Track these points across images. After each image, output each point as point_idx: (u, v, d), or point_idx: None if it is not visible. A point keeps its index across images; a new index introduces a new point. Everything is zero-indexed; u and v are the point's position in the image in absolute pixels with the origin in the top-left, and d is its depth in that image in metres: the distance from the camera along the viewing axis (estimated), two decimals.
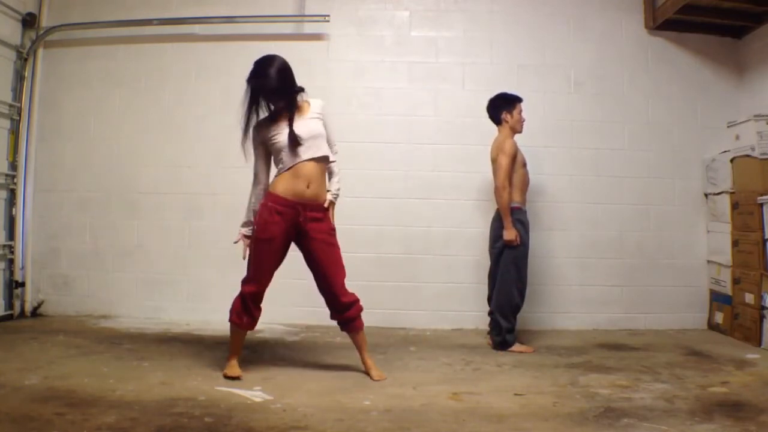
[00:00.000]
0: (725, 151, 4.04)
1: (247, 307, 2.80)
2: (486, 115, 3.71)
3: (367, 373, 2.87)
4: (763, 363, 3.19)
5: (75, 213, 4.34)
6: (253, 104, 2.75)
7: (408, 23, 4.37)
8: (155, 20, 4.31)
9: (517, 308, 3.53)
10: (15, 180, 4.25)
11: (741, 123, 3.88)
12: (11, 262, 4.23)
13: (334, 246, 2.89)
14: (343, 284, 2.90)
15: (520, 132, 3.63)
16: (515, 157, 3.52)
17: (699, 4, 3.95)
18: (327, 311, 4.13)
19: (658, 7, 4.23)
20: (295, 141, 2.69)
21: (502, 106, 3.60)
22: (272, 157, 2.84)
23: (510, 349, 3.44)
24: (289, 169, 2.74)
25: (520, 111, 3.60)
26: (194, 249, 4.28)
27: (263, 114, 2.81)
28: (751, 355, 3.35)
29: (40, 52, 4.38)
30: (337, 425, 2.19)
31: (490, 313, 3.57)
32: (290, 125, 2.70)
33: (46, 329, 3.77)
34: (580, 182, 4.26)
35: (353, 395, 2.55)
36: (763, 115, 3.74)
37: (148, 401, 2.38)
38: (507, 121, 3.58)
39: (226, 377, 2.72)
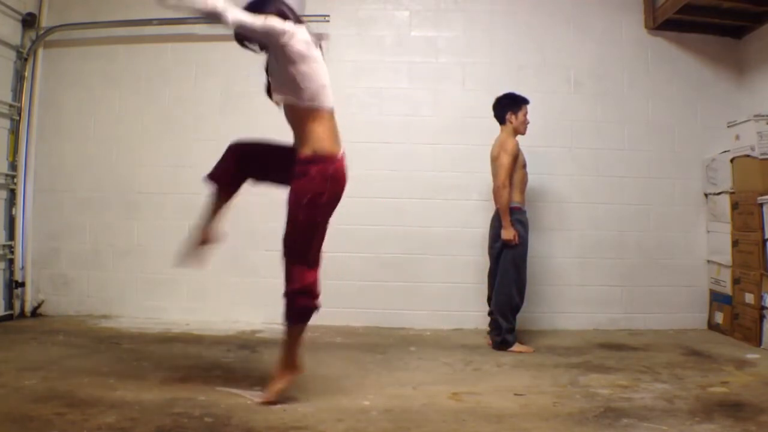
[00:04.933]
0: (725, 151, 4.04)
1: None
2: (486, 114, 3.72)
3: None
4: (763, 363, 3.19)
5: (75, 213, 4.34)
6: None
7: (408, 23, 4.37)
8: (155, 20, 4.30)
9: (516, 308, 3.53)
10: (15, 180, 4.24)
11: (741, 123, 3.88)
12: (11, 262, 4.22)
13: (295, 206, 2.36)
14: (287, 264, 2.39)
15: (523, 134, 3.63)
16: (517, 157, 3.52)
17: (699, 4, 3.95)
18: (327, 311, 4.14)
19: (658, 7, 4.23)
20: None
21: (507, 106, 3.60)
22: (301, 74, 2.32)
23: (510, 349, 3.44)
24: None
25: (526, 113, 3.60)
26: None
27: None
28: (751, 355, 3.36)
29: (40, 52, 4.38)
30: (337, 425, 2.19)
31: (490, 313, 3.57)
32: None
33: (46, 329, 3.77)
34: (580, 182, 4.26)
35: (353, 395, 2.55)
36: (763, 115, 3.74)
37: (148, 401, 2.38)
38: (511, 122, 3.58)
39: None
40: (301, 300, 2.36)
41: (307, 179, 2.32)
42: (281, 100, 2.38)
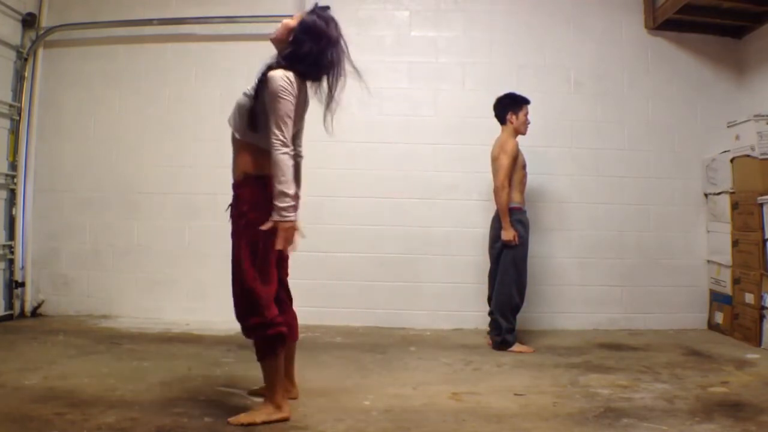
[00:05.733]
0: (725, 151, 4.04)
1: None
2: (486, 114, 3.72)
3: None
4: (763, 363, 3.19)
5: (75, 213, 4.34)
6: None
7: (408, 23, 4.37)
8: (155, 20, 4.31)
9: (516, 308, 3.53)
10: (15, 180, 4.24)
11: (741, 123, 3.88)
12: (11, 262, 4.23)
13: (235, 235, 2.24)
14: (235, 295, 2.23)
15: (524, 134, 3.64)
16: (517, 158, 3.52)
17: (699, 4, 3.95)
18: (327, 311, 4.17)
19: (658, 7, 4.23)
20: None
21: (508, 107, 3.60)
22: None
23: (510, 349, 3.44)
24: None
25: (526, 113, 3.61)
26: (194, 249, 4.28)
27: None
28: (751, 355, 3.36)
29: (40, 52, 4.38)
30: (337, 425, 2.19)
31: (490, 313, 3.57)
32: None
33: (46, 329, 3.77)
34: (580, 182, 4.26)
35: (353, 395, 2.55)
36: (763, 115, 3.74)
37: (148, 401, 2.38)
38: (512, 122, 3.58)
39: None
40: (260, 333, 2.19)
41: (241, 202, 2.21)
42: (242, 137, 2.26)
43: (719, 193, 4.08)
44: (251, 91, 2.26)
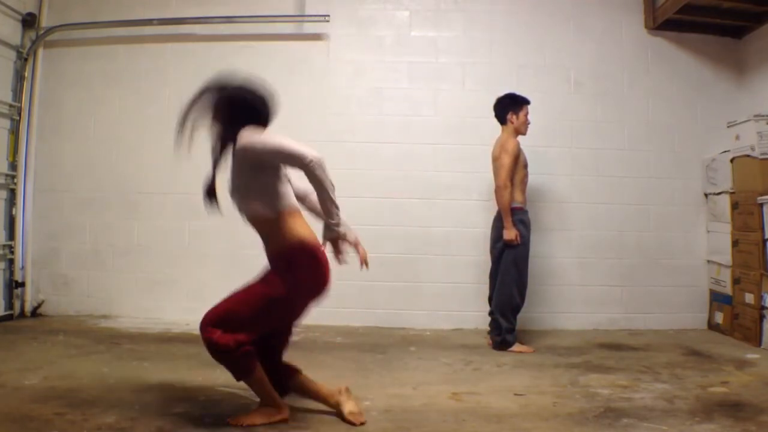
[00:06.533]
0: (725, 151, 4.04)
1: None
2: (486, 114, 3.72)
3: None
4: (763, 363, 3.19)
5: (75, 213, 4.34)
6: None
7: (408, 23, 4.37)
8: (155, 20, 4.31)
9: (517, 308, 3.53)
10: (15, 180, 4.24)
11: (741, 123, 3.87)
12: (11, 262, 4.22)
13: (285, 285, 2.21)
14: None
15: (524, 134, 3.64)
16: (518, 157, 3.52)
17: (699, 4, 3.95)
18: (327, 311, 4.15)
19: (658, 7, 4.23)
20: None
21: (508, 107, 3.60)
22: (276, 182, 2.25)
23: (510, 349, 3.44)
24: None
25: (527, 113, 3.61)
26: (194, 249, 4.28)
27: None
28: (751, 355, 3.36)
29: (40, 52, 4.38)
30: (337, 425, 2.19)
31: (491, 313, 3.57)
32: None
33: (46, 329, 3.77)
34: (580, 182, 4.26)
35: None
36: (763, 115, 3.74)
37: (148, 401, 2.38)
38: (512, 122, 3.58)
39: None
40: (230, 356, 2.18)
41: (299, 268, 2.22)
42: (250, 212, 2.28)
43: (719, 193, 4.08)
44: (233, 176, 2.31)
